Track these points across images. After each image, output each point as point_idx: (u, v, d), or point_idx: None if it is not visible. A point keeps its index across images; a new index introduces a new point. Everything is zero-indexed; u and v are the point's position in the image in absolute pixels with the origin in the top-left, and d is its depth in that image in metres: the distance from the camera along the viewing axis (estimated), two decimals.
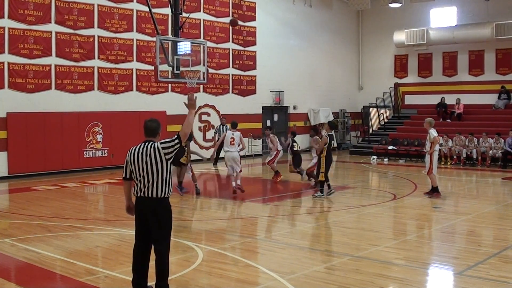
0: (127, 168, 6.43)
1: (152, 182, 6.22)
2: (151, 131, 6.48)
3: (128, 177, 6.46)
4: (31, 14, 18.46)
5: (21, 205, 13.21)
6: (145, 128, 6.49)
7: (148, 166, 6.23)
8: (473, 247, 9.14)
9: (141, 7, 20.96)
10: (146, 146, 6.32)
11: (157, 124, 6.58)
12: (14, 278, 7.69)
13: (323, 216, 12.10)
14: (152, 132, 6.48)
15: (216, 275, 7.41)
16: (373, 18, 31.04)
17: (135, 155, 6.32)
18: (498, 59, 26.97)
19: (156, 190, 6.22)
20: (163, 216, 6.29)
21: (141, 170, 6.25)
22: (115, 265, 7.93)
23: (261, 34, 26.03)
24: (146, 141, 6.41)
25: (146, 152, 6.27)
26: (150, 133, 6.48)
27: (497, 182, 17.97)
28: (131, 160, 6.36)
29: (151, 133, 6.48)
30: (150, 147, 6.29)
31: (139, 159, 6.28)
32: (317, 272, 7.56)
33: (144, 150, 6.29)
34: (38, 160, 18.48)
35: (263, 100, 26.37)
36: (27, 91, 18.42)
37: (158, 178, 6.22)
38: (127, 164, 6.43)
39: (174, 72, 16.07)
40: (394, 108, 29.76)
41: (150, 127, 6.49)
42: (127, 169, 6.44)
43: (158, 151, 6.24)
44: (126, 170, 6.45)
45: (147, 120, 6.62)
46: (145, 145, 6.34)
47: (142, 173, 6.25)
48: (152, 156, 6.23)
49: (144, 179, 6.24)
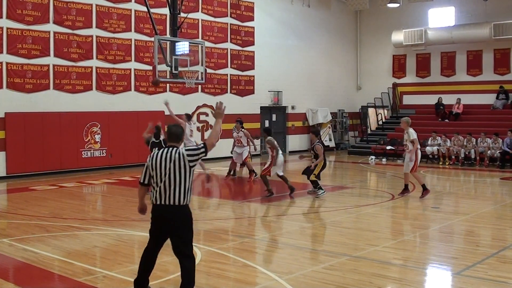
0: (147, 173, 6.23)
1: (173, 188, 6.03)
2: (176, 137, 6.31)
3: (146, 183, 6.28)
4: (29, 14, 18.44)
5: (19, 205, 13.20)
6: (169, 134, 6.32)
7: (171, 172, 6.03)
8: (471, 247, 9.14)
9: (139, 7, 20.95)
10: (170, 151, 6.11)
11: (181, 130, 6.45)
12: (12, 278, 7.68)
13: (321, 216, 12.10)
14: (177, 138, 6.31)
15: (215, 275, 7.41)
16: (371, 18, 31.06)
17: (158, 160, 6.10)
18: (496, 59, 27.00)
19: (178, 197, 6.03)
20: (185, 224, 6.14)
21: (163, 176, 6.05)
22: (113, 265, 7.92)
23: (259, 34, 26.03)
24: (170, 146, 6.21)
25: (170, 158, 6.06)
26: (175, 138, 6.30)
27: (495, 182, 17.99)
28: (152, 165, 6.14)
29: (176, 139, 6.31)
30: (174, 152, 6.09)
31: (162, 165, 6.06)
32: (315, 272, 7.56)
33: (168, 156, 6.08)
34: (36, 160, 18.47)
35: (261, 100, 26.37)
36: (25, 91, 18.41)
37: (180, 185, 6.04)
38: (147, 169, 6.22)
39: (172, 72, 16.08)
40: (392, 108, 29.78)
41: (175, 133, 6.32)
42: (146, 174, 6.24)
43: (183, 157, 6.06)
44: (146, 175, 6.25)
45: (171, 125, 6.42)
46: (168, 150, 6.13)
47: (163, 179, 6.05)
48: (176, 162, 6.04)
49: (165, 186, 6.04)
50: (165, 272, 7.58)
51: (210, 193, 16.69)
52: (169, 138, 6.32)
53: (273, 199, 14.47)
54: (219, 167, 21.09)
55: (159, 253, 8.64)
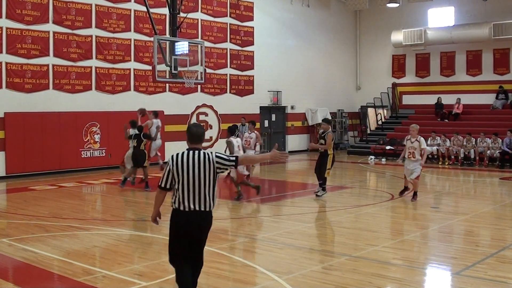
0: (169, 176, 5.76)
1: (199, 193, 5.68)
2: (198, 138, 5.87)
3: (167, 188, 5.83)
4: (28, 14, 18.43)
5: (18, 205, 13.19)
6: (191, 135, 5.86)
7: (200, 175, 5.68)
8: (471, 247, 9.14)
9: (139, 7, 20.94)
10: (198, 155, 5.72)
11: (203, 130, 6.00)
12: (11, 278, 7.68)
13: (321, 216, 12.10)
14: (199, 139, 5.87)
15: (214, 275, 7.41)
16: (371, 18, 31.06)
17: (184, 163, 5.69)
18: (495, 59, 27.00)
19: (205, 202, 5.69)
20: (207, 231, 5.86)
21: (190, 180, 5.66)
22: (112, 265, 7.92)
23: (258, 34, 26.03)
24: (193, 149, 5.78)
25: (198, 161, 5.69)
26: (197, 139, 5.86)
27: (494, 182, 17.99)
28: (177, 168, 5.69)
29: (198, 140, 5.86)
30: (203, 156, 5.72)
31: (189, 168, 5.67)
32: (314, 272, 7.56)
33: (195, 159, 5.69)
34: (36, 160, 18.46)
35: (261, 100, 26.37)
36: (24, 91, 18.40)
37: (207, 190, 5.71)
38: (169, 173, 5.75)
39: (172, 72, 16.08)
40: (391, 108, 29.78)
41: (197, 134, 5.87)
42: (168, 178, 5.77)
43: (212, 163, 5.72)
44: (168, 179, 5.78)
45: (192, 125, 5.96)
46: (194, 153, 5.73)
47: (190, 183, 5.67)
48: (206, 166, 5.69)
49: (191, 190, 5.67)
50: (165, 272, 7.57)
51: None
52: (191, 139, 5.86)
53: (273, 199, 14.48)
54: None
55: (159, 252, 8.67)
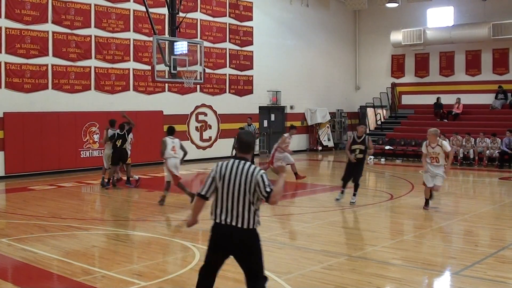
0: (212, 185, 5.34)
1: (237, 207, 5.21)
2: (247, 147, 5.38)
3: (206, 196, 5.44)
4: (28, 14, 18.43)
5: (18, 205, 13.19)
6: (240, 143, 5.39)
7: (240, 188, 5.19)
8: (470, 247, 9.15)
9: (138, 7, 20.94)
10: (243, 166, 5.25)
11: (253, 139, 5.50)
12: (11, 278, 7.67)
13: (320, 216, 12.09)
14: (249, 148, 5.38)
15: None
16: (370, 18, 31.07)
17: (227, 172, 5.26)
18: (495, 59, 27.02)
19: (241, 219, 5.20)
20: (252, 250, 5.28)
21: (231, 191, 5.23)
22: (112, 265, 7.92)
23: (258, 34, 26.03)
24: (240, 158, 5.33)
25: (241, 173, 5.20)
26: (246, 148, 5.38)
27: (494, 182, 18.00)
28: (219, 176, 5.28)
29: (247, 149, 5.39)
30: (247, 168, 5.22)
31: (230, 178, 5.22)
32: (314, 272, 7.56)
33: (239, 169, 5.22)
34: (35, 160, 18.45)
35: (260, 100, 26.37)
36: (24, 91, 18.39)
37: (245, 205, 5.19)
38: (213, 180, 5.33)
39: (171, 72, 16.08)
40: (391, 108, 29.80)
41: (247, 142, 5.39)
42: (211, 186, 5.35)
43: (254, 179, 5.18)
44: (210, 187, 5.36)
45: (242, 133, 5.51)
46: (239, 163, 5.27)
47: (228, 194, 5.24)
48: (248, 179, 5.17)
49: (229, 202, 5.24)
50: (164, 272, 7.58)
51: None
52: (240, 148, 5.40)
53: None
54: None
55: (158, 252, 8.67)
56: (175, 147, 13.06)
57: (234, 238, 5.24)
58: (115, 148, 15.60)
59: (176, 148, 13.07)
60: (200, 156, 23.67)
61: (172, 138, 13.15)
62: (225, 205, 5.26)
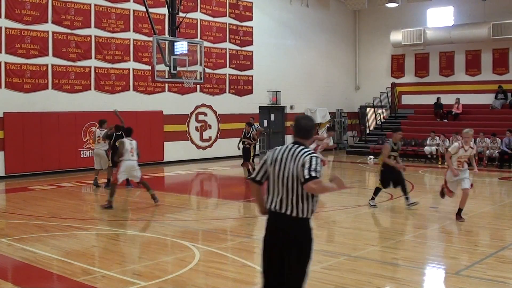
0: (263, 168, 5.02)
1: (285, 192, 4.82)
2: (306, 131, 5.04)
3: (258, 179, 5.04)
4: (28, 14, 18.43)
5: (18, 205, 13.19)
6: (298, 127, 5.05)
7: (288, 171, 4.82)
8: (470, 247, 9.15)
9: (138, 7, 20.95)
10: (295, 149, 4.90)
11: (313, 124, 5.15)
12: (11, 278, 7.67)
13: (320, 216, 12.09)
14: (307, 133, 5.04)
15: (213, 275, 7.41)
16: (370, 18, 31.06)
17: (278, 155, 4.93)
18: (495, 59, 27.01)
19: (290, 205, 4.80)
20: (301, 243, 4.82)
21: (281, 176, 4.86)
22: (111, 264, 7.92)
23: (258, 34, 26.03)
24: (296, 143, 4.97)
25: (292, 155, 4.86)
26: (305, 133, 5.04)
27: (493, 182, 18.00)
28: (273, 160, 4.94)
29: (305, 134, 5.04)
30: (298, 151, 4.86)
31: (279, 161, 4.89)
32: (314, 272, 7.53)
33: (290, 152, 4.89)
34: (35, 160, 18.46)
35: (260, 100, 26.37)
36: (24, 91, 18.40)
37: (294, 190, 4.80)
38: (264, 163, 5.02)
39: (171, 72, 16.09)
40: (391, 108, 29.79)
41: (306, 126, 5.05)
42: (261, 169, 5.03)
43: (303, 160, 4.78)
44: (260, 170, 5.04)
45: (300, 117, 5.15)
46: (293, 147, 4.93)
47: (280, 180, 4.86)
48: (296, 162, 4.81)
49: (276, 186, 4.89)
50: (164, 272, 7.58)
51: (209, 193, 16.70)
52: (297, 132, 5.05)
53: None
54: (218, 167, 21.05)
55: (158, 252, 8.67)
56: (133, 149, 12.70)
57: (282, 227, 4.83)
58: (114, 150, 15.47)
59: (134, 150, 12.70)
60: (200, 156, 23.68)
61: (130, 140, 12.83)
62: (276, 190, 4.88)
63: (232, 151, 24.50)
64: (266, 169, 4.99)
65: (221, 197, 15.41)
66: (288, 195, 4.80)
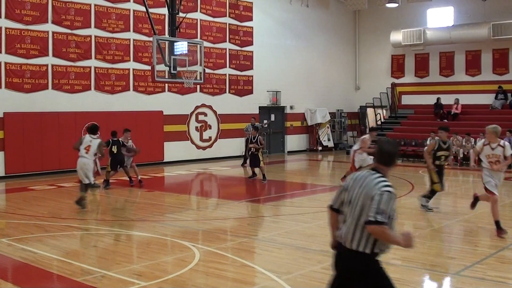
0: (340, 196, 4.66)
1: (355, 225, 4.40)
2: (387, 158, 4.53)
3: (335, 208, 4.71)
4: (28, 14, 18.43)
5: (18, 205, 13.19)
6: (380, 152, 4.56)
7: (359, 201, 4.41)
8: (470, 247, 9.15)
9: (138, 7, 20.95)
10: (375, 178, 4.42)
11: (396, 151, 4.63)
12: (11, 278, 7.67)
13: (320, 216, 12.08)
14: (388, 160, 4.52)
15: (213, 275, 7.41)
16: (370, 18, 31.07)
17: (356, 183, 4.52)
18: (495, 59, 27.01)
19: (351, 238, 4.41)
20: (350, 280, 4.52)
21: (353, 204, 4.48)
22: (111, 265, 7.92)
23: (258, 34, 26.04)
24: (375, 169, 4.52)
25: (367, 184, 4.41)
26: (385, 160, 4.53)
27: None
28: (348, 187, 4.58)
29: (386, 161, 4.53)
30: (376, 182, 4.38)
31: (353, 189, 4.50)
32: (314, 272, 7.56)
33: (366, 180, 4.45)
34: (35, 160, 18.46)
35: (260, 100, 26.37)
36: (24, 91, 18.40)
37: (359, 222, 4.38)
38: (341, 192, 4.66)
39: (171, 72, 16.10)
40: (391, 108, 29.79)
41: (388, 152, 4.53)
42: (339, 197, 4.68)
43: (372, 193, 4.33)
44: (338, 198, 4.69)
45: (384, 141, 4.70)
46: (371, 175, 4.47)
47: (351, 209, 4.48)
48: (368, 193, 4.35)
49: (349, 218, 4.48)
50: (164, 272, 7.58)
51: (209, 193, 16.70)
52: (378, 157, 4.58)
53: (272, 199, 14.44)
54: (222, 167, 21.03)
55: (158, 252, 8.67)
56: (91, 147, 12.30)
57: (340, 259, 4.58)
58: (112, 155, 15.79)
59: (91, 149, 12.30)
60: (200, 156, 23.68)
61: (93, 138, 12.47)
62: (345, 219, 4.54)
63: (232, 151, 24.57)
64: (342, 196, 4.62)
65: (221, 197, 15.41)
66: (351, 225, 4.43)
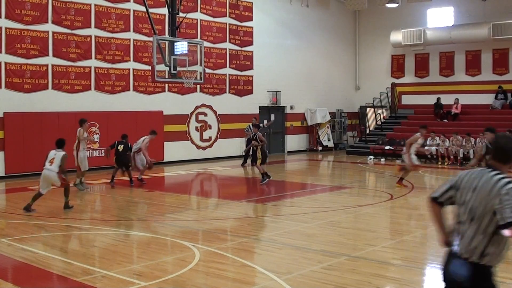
0: (450, 191, 4.24)
1: (474, 233, 4.00)
2: (504, 154, 4.09)
3: (441, 201, 4.30)
4: (28, 14, 18.43)
5: (18, 205, 13.18)
6: (496, 148, 4.13)
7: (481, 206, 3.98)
8: None
9: (138, 7, 20.95)
10: (496, 177, 3.97)
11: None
12: (11, 278, 7.67)
13: (320, 216, 12.09)
14: (506, 156, 4.08)
15: (213, 275, 7.41)
16: (370, 18, 31.07)
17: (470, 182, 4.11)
18: (495, 59, 27.01)
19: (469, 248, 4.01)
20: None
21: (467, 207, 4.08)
22: (112, 264, 7.92)
23: (258, 34, 26.04)
24: (491, 166, 4.09)
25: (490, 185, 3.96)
26: (502, 156, 4.09)
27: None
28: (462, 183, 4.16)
29: (504, 157, 4.09)
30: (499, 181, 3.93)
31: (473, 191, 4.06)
32: (314, 272, 7.56)
33: (482, 181, 4.02)
34: (35, 160, 18.38)
35: (260, 100, 26.37)
36: (24, 91, 18.40)
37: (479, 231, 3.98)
38: (450, 188, 4.24)
39: (171, 72, 16.10)
40: (391, 108, 29.80)
41: (506, 148, 4.08)
42: (447, 192, 4.25)
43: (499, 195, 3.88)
44: (446, 192, 4.26)
45: (501, 136, 4.21)
46: (488, 173, 4.04)
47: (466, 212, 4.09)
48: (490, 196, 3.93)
49: (465, 223, 4.08)
50: (164, 272, 7.58)
51: (209, 193, 16.71)
52: (494, 154, 4.15)
53: (272, 199, 14.44)
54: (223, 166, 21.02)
55: (158, 252, 8.67)
56: (55, 159, 12.39)
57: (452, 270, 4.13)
58: (117, 153, 16.11)
59: (55, 161, 12.36)
60: (200, 156, 23.68)
61: (58, 151, 12.54)
62: (463, 226, 4.12)
63: (232, 151, 24.57)
64: (453, 194, 4.21)
65: (221, 197, 15.41)
66: (468, 233, 4.04)
